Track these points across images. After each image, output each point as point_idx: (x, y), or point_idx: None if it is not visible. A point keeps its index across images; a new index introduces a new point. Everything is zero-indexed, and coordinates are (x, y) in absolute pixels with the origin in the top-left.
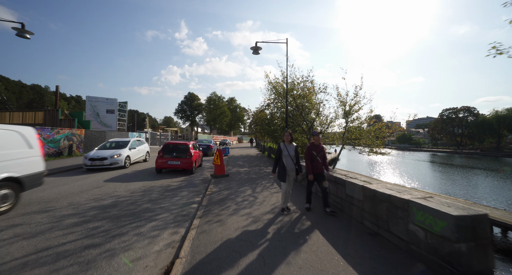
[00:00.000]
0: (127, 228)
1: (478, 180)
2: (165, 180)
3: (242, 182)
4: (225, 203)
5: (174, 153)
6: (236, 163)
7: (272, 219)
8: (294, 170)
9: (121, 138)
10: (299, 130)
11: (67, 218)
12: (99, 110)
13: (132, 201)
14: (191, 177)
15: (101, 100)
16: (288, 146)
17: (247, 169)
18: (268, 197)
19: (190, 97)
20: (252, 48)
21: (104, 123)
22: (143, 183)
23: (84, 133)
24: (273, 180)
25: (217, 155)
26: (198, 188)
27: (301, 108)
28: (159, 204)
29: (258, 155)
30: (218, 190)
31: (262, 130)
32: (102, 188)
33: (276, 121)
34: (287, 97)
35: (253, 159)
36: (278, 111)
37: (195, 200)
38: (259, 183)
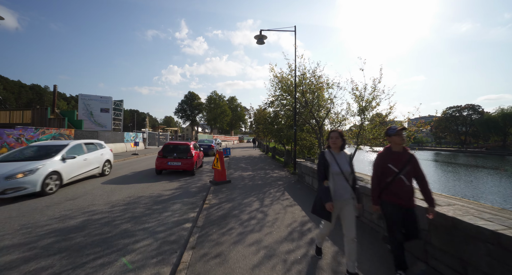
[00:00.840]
0: (87, 269)
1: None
2: (157, 186)
3: (247, 190)
4: (226, 222)
5: (175, 153)
6: (238, 166)
7: (296, 257)
8: (350, 199)
9: (54, 141)
10: (307, 129)
11: (4, 252)
12: (93, 109)
13: (108, 219)
14: (187, 183)
15: (94, 98)
16: (338, 156)
17: (251, 173)
18: (281, 213)
19: (190, 96)
20: (256, 37)
21: (98, 122)
22: (129, 191)
23: (74, 134)
24: (283, 187)
25: (216, 158)
26: (194, 198)
27: (310, 104)
28: (142, 223)
29: (261, 155)
30: (218, 202)
31: (265, 129)
32: (77, 200)
33: (280, 119)
34: (296, 92)
35: (257, 161)
36: (282, 109)
37: (189, 217)
38: (267, 192)
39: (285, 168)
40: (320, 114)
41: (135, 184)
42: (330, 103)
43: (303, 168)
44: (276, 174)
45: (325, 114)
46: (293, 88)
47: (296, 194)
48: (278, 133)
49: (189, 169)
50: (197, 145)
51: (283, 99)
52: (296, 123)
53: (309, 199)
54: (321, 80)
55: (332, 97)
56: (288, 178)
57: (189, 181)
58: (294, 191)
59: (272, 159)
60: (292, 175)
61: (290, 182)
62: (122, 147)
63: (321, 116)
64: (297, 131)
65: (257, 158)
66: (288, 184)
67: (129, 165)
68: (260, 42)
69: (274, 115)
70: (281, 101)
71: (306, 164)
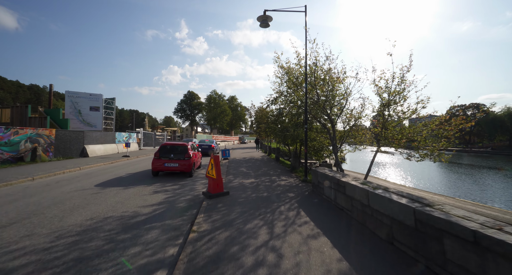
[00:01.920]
0: None
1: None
2: (135, 200)
3: (250, 207)
4: (221, 272)
5: (172, 154)
6: (238, 170)
7: None
8: None
9: None
10: (316, 127)
11: None
12: (81, 107)
13: (34, 269)
14: (174, 194)
15: (83, 96)
16: None
17: (253, 180)
18: (303, 252)
19: (189, 96)
20: (259, 18)
21: (87, 122)
22: (96, 209)
23: (54, 134)
24: (296, 202)
25: (211, 164)
26: (180, 219)
27: (323, 100)
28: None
29: (263, 157)
30: (211, 229)
31: (268, 129)
32: (14, 225)
33: (285, 118)
34: (306, 83)
35: (259, 164)
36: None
37: (165, 257)
38: (276, 210)
39: (293, 173)
40: (334, 111)
41: (108, 196)
42: (345, 97)
43: (320, 177)
44: (284, 182)
45: (340, 110)
46: (303, 80)
47: (317, 214)
48: (283, 133)
49: (186, 170)
50: (195, 145)
51: (289, 94)
52: (307, 121)
53: (338, 225)
54: (335, 71)
55: (348, 90)
56: (300, 187)
57: (177, 192)
58: (311, 208)
59: (276, 162)
60: (303, 183)
61: (303, 193)
62: (113, 148)
63: (335, 113)
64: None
65: (260, 161)
66: (302, 196)
67: (114, 170)
68: (264, 24)
69: (278, 113)
70: (287, 97)
71: (324, 171)
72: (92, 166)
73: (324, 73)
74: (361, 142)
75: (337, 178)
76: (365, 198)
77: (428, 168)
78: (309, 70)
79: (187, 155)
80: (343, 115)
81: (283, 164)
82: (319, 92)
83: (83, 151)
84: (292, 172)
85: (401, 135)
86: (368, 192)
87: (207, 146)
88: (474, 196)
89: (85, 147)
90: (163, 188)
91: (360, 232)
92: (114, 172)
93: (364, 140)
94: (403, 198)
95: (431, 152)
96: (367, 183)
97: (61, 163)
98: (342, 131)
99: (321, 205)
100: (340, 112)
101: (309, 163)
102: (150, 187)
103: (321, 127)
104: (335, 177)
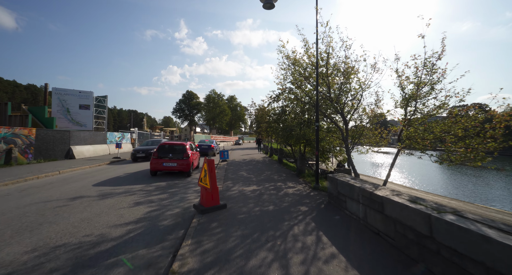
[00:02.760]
0: None
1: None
2: (108, 217)
3: (253, 227)
4: None
5: (170, 154)
6: (238, 174)
7: None
8: None
9: None
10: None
11: None
12: (70, 105)
13: None
14: (159, 207)
15: (72, 93)
16: None
17: (255, 187)
18: None
19: (188, 95)
20: None
21: (76, 121)
22: (52, 230)
23: (35, 134)
24: (312, 221)
25: (204, 170)
26: (158, 248)
27: (336, 94)
28: None
29: (265, 159)
30: (198, 267)
31: (269, 128)
32: None
33: (287, 116)
34: (318, 76)
35: (261, 167)
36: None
37: None
38: (289, 234)
39: (300, 178)
40: (347, 107)
41: (74, 211)
42: (361, 91)
43: (341, 186)
44: (292, 190)
45: (353, 107)
46: (311, 71)
47: (344, 241)
48: (285, 133)
49: (185, 170)
50: (193, 145)
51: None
52: (318, 118)
53: (381, 261)
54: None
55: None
56: (312, 197)
57: (164, 203)
58: (335, 230)
59: (279, 164)
60: (314, 191)
61: (318, 206)
62: (103, 149)
63: (348, 110)
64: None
65: (261, 163)
66: (317, 210)
67: (98, 174)
68: (269, 5)
69: (281, 111)
70: (294, 91)
71: (346, 180)
72: (74, 170)
73: (339, 62)
74: (376, 143)
75: (368, 191)
76: (423, 225)
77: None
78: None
79: (186, 155)
80: (358, 112)
81: (287, 167)
82: (332, 85)
83: (69, 152)
84: (299, 177)
85: (431, 134)
86: (429, 217)
87: (207, 146)
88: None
89: (71, 148)
90: (148, 197)
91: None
92: (97, 177)
93: (379, 140)
94: (501, 232)
95: (474, 155)
96: (420, 202)
97: (39, 166)
98: (355, 130)
99: (346, 226)
100: (354, 108)
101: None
102: (132, 196)
103: (331, 126)
104: (365, 189)
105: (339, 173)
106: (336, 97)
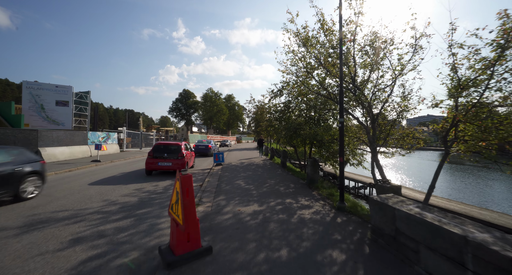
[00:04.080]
0: None
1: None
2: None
3: None
4: None
5: (165, 153)
6: (234, 184)
7: None
8: None
9: None
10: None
11: None
12: (44, 101)
13: None
14: (106, 251)
15: (47, 87)
16: None
17: (257, 206)
18: None
19: (185, 94)
20: None
21: (52, 119)
22: None
23: None
24: None
25: (176, 193)
26: None
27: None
28: None
29: (265, 162)
30: None
31: (270, 127)
32: None
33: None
34: (342, 49)
35: (262, 173)
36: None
37: None
38: None
39: (313, 190)
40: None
41: None
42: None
43: (405, 223)
44: (309, 212)
45: (385, 98)
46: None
47: None
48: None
49: (180, 169)
50: (188, 145)
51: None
52: (342, 111)
53: None
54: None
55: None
56: (341, 226)
57: (119, 237)
58: None
59: (283, 169)
60: (339, 213)
61: (359, 248)
62: (83, 151)
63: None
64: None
65: (261, 167)
66: (364, 263)
67: (59, 184)
68: None
69: (284, 107)
70: (304, 80)
71: (416, 212)
72: None
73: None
74: (410, 144)
75: (486, 246)
76: None
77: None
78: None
79: (181, 154)
80: (393, 105)
81: (293, 173)
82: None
83: None
84: (310, 188)
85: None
86: None
87: (204, 146)
88: None
89: (40, 150)
90: (99, 227)
91: None
92: (55, 188)
93: (411, 141)
94: None
95: None
96: None
97: None
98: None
99: None
100: (384, 100)
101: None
102: (76, 225)
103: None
104: (474, 240)
105: (392, 196)
106: (364, 84)
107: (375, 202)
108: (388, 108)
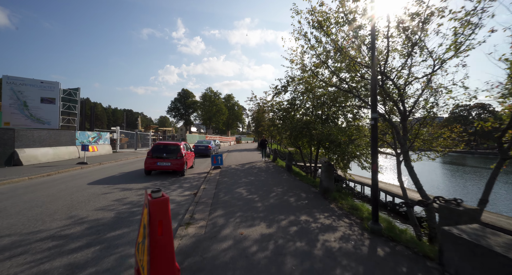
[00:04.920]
0: None
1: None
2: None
3: None
4: None
5: (164, 153)
6: (234, 193)
7: None
8: None
9: None
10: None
11: None
12: (28, 98)
13: None
14: None
15: (31, 83)
16: None
17: (264, 228)
18: None
19: (184, 94)
20: None
21: (37, 117)
22: None
23: None
24: None
25: (144, 225)
26: None
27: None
28: None
29: (268, 165)
30: None
31: (273, 127)
32: None
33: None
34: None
35: (266, 178)
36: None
37: None
38: None
39: (330, 202)
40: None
41: None
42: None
43: None
44: (334, 237)
45: (422, 88)
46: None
47: None
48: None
49: (179, 169)
50: (188, 145)
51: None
52: (376, 106)
53: None
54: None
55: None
56: (385, 262)
57: None
58: None
59: (288, 173)
60: (376, 239)
61: None
62: (70, 153)
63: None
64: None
65: (265, 171)
66: None
67: (28, 192)
68: None
69: (289, 104)
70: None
71: None
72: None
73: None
74: (446, 146)
75: None
76: None
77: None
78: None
79: (180, 154)
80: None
81: (300, 178)
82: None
83: (13, 157)
84: (326, 198)
85: None
86: None
87: (204, 147)
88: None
89: (17, 151)
90: (43, 264)
91: None
92: (14, 199)
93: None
94: None
95: None
96: None
97: None
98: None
99: None
100: (420, 93)
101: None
102: (7, 263)
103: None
104: None
105: (448, 213)
106: (397, 73)
107: (461, 240)
108: (422, 103)
